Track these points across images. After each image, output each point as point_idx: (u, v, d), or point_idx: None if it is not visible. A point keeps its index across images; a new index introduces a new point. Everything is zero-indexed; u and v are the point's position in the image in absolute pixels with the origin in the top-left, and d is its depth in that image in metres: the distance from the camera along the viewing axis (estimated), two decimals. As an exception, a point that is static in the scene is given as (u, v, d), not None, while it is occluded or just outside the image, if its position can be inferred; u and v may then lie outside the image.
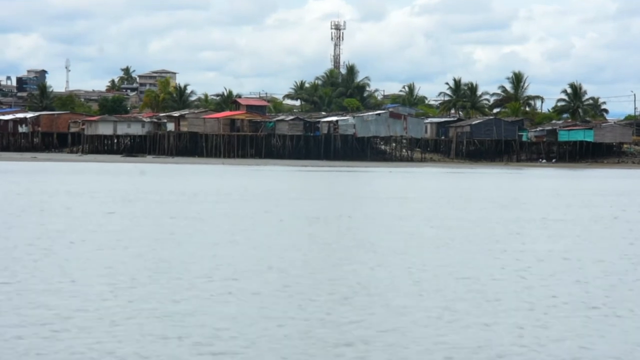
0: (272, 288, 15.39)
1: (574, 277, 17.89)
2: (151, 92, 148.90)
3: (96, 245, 20.77)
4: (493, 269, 18.59)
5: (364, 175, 77.54)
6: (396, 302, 14.42)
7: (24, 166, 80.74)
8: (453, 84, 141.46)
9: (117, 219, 27.87)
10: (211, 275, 16.49)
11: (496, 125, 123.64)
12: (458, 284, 16.32)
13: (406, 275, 17.44)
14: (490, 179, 73.41)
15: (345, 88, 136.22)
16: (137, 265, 17.55)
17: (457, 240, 24.04)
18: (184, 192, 44.21)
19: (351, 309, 13.69)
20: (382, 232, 26.23)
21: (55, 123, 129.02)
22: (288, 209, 34.34)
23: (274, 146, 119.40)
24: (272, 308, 13.61)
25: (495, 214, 34.01)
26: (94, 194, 40.53)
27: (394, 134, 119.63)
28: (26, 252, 19.17)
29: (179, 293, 14.52)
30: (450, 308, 13.96)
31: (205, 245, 21.31)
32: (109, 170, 74.96)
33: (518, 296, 15.32)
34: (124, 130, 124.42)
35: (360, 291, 15.28)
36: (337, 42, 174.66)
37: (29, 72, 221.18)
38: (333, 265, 18.52)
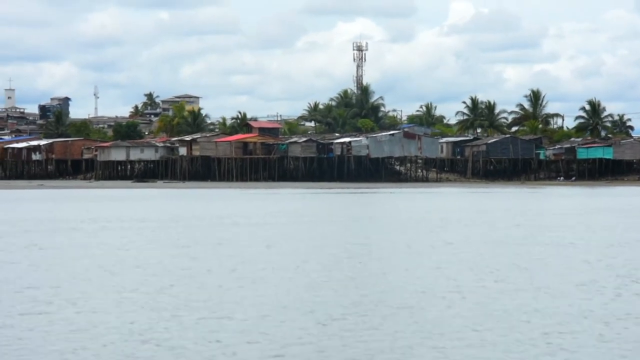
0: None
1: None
2: (165, 116, 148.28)
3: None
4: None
5: (388, 196, 75.84)
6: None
7: (25, 194, 79.93)
8: (470, 102, 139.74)
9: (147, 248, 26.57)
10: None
11: (513, 143, 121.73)
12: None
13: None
14: (509, 198, 71.58)
15: (360, 109, 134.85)
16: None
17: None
18: (206, 216, 42.99)
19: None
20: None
21: (69, 150, 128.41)
22: (340, 238, 32.20)
23: (287, 169, 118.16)
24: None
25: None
26: (100, 221, 39.37)
27: (408, 154, 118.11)
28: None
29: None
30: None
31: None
32: (112, 196, 74.06)
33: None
34: (137, 156, 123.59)
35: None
36: (360, 64, 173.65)
37: (52, 100, 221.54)
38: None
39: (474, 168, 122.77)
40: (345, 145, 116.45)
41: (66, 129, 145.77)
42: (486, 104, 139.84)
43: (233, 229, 35.05)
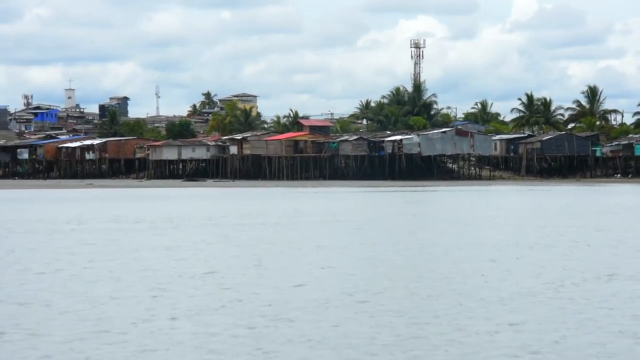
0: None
1: None
2: (218, 115, 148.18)
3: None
4: None
5: (447, 194, 74.65)
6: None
7: (72, 194, 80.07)
8: (526, 99, 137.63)
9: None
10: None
11: (568, 140, 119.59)
12: None
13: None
14: (568, 196, 70.09)
15: (412, 106, 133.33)
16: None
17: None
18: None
19: None
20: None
21: (122, 149, 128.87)
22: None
23: (337, 167, 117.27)
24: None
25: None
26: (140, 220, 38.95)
27: (460, 151, 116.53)
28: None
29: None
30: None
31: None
32: (159, 195, 73.89)
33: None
34: (188, 155, 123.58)
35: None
36: (417, 61, 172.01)
37: (111, 100, 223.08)
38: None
39: (528, 166, 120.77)
40: (396, 143, 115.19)
41: (120, 128, 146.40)
42: (542, 101, 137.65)
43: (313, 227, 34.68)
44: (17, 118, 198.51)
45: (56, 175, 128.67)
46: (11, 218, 42.58)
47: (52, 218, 42.13)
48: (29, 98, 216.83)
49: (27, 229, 35.06)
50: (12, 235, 32.32)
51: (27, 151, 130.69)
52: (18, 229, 35.58)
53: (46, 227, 35.78)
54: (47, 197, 70.58)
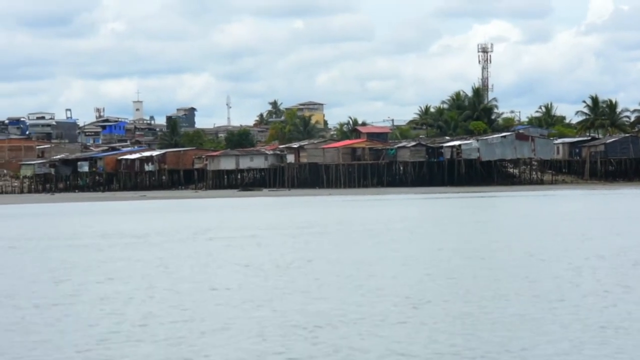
0: None
1: None
2: (277, 124, 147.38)
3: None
4: None
5: (511, 200, 72.79)
6: None
7: (125, 206, 79.78)
8: (591, 102, 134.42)
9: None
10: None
11: (633, 143, 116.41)
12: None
13: None
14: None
15: (472, 111, 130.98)
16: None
17: None
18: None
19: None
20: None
21: (181, 160, 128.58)
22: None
23: (395, 174, 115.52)
24: None
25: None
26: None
27: (521, 156, 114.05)
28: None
29: None
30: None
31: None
32: (208, 206, 73.17)
33: None
34: (246, 164, 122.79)
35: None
36: (485, 65, 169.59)
37: (178, 111, 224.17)
38: None
39: (592, 169, 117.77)
40: (455, 149, 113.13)
41: (181, 139, 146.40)
42: (607, 103, 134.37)
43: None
44: (85, 131, 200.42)
45: (116, 188, 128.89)
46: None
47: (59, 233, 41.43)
48: (101, 111, 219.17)
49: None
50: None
51: (87, 164, 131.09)
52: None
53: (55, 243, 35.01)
54: (83, 210, 70.19)
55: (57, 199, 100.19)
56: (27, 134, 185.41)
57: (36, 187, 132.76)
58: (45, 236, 38.15)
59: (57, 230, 43.00)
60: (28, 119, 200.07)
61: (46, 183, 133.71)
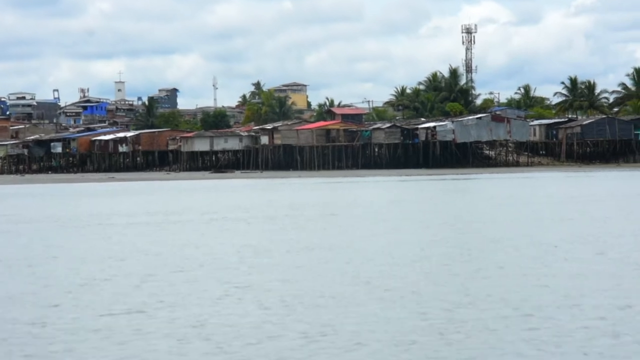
0: None
1: None
2: (253, 105, 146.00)
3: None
4: None
5: (492, 182, 71.68)
6: None
7: (87, 188, 78.59)
8: (569, 83, 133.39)
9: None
10: None
11: (609, 124, 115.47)
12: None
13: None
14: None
15: (449, 92, 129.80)
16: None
17: None
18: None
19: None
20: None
21: (156, 141, 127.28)
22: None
23: (370, 156, 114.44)
24: None
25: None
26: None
27: (497, 138, 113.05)
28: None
29: None
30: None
31: None
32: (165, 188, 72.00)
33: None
34: (221, 146, 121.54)
35: None
36: (469, 46, 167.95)
37: (160, 91, 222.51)
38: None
39: (568, 151, 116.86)
40: (430, 131, 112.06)
41: (157, 120, 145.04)
42: (586, 84, 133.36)
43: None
44: (66, 112, 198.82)
45: (90, 169, 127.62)
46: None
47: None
48: (85, 92, 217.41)
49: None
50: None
51: (60, 145, 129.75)
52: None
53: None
54: (52, 192, 69.03)
55: (25, 181, 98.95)
56: (7, 114, 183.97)
57: (9, 168, 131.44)
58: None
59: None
60: (8, 99, 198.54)
61: (19, 164, 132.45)
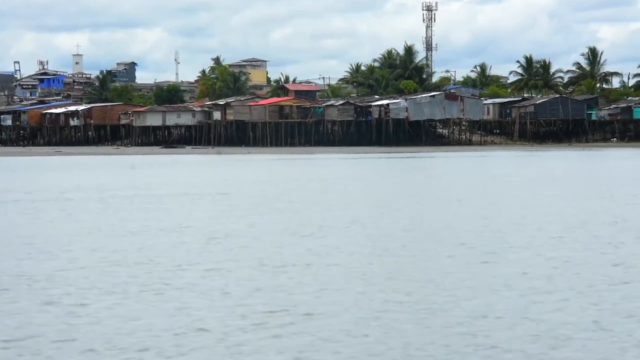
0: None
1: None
2: (208, 80, 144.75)
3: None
4: None
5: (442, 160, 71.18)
6: None
7: (30, 162, 77.45)
8: (525, 62, 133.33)
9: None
10: None
11: (562, 104, 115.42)
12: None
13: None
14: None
15: (403, 70, 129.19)
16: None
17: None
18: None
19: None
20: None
21: (108, 115, 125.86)
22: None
23: (323, 133, 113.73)
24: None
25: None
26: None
27: (450, 116, 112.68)
28: None
29: None
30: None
31: None
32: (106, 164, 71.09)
33: None
34: (173, 121, 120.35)
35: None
36: (429, 24, 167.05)
37: (118, 65, 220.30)
38: None
39: (521, 130, 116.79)
40: (383, 108, 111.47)
41: (110, 94, 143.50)
42: (541, 63, 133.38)
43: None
44: (22, 84, 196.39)
45: (41, 142, 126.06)
46: None
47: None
48: (45, 64, 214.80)
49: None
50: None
51: (10, 118, 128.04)
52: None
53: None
54: None
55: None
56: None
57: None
58: None
59: None
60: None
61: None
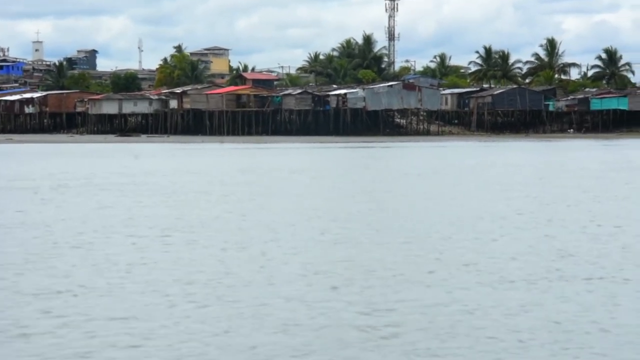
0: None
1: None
2: (166, 67, 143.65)
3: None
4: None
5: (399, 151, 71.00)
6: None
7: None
8: (484, 52, 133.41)
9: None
10: None
11: (520, 95, 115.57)
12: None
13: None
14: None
15: (362, 59, 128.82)
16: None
17: None
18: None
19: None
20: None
21: (64, 103, 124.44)
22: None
23: (281, 122, 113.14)
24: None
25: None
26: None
27: (407, 106, 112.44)
28: None
29: None
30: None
31: None
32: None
33: None
34: (130, 109, 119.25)
35: None
36: (392, 14, 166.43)
37: (78, 52, 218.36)
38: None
39: (479, 121, 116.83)
40: (341, 98, 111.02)
41: (67, 81, 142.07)
42: (500, 54, 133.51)
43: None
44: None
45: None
46: None
47: None
48: (5, 51, 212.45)
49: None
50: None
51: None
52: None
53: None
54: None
55: None
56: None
57: None
58: None
59: None
60: None
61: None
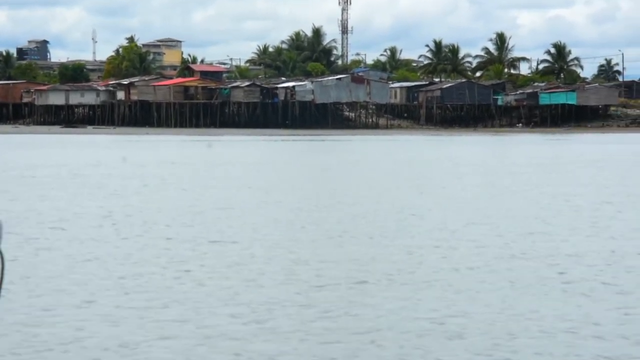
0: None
1: None
2: (114, 58, 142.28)
3: None
4: None
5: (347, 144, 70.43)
6: None
7: None
8: (434, 46, 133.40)
9: None
10: None
11: (469, 89, 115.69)
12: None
13: None
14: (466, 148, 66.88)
15: (311, 52, 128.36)
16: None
17: None
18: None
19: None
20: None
21: (10, 93, 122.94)
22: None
23: (229, 114, 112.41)
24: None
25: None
26: None
27: (356, 99, 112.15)
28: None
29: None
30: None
31: None
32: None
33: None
34: (77, 100, 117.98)
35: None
36: (345, 7, 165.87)
37: (29, 43, 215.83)
38: None
39: (428, 114, 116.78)
40: (289, 90, 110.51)
41: (14, 71, 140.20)
42: (450, 48, 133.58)
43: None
44: None
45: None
46: None
47: None
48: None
49: None
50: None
51: None
52: None
53: None
54: None
55: None
56: None
57: None
58: None
59: None
60: None
61: None
